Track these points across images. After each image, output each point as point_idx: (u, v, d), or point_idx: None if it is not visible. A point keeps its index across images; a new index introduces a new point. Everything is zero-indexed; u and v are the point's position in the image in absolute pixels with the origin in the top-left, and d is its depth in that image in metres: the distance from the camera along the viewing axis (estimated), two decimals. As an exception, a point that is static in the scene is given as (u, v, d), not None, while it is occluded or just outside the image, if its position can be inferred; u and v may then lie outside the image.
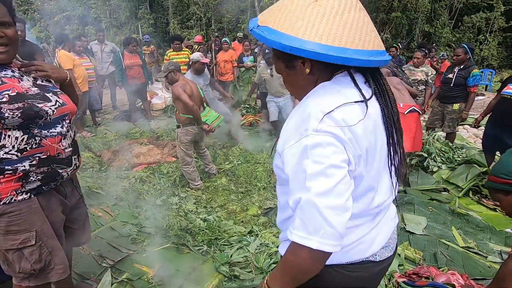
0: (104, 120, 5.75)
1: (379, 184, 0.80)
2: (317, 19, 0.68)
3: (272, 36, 0.70)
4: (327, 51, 0.66)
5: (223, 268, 2.00)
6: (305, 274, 0.73)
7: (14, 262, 1.23)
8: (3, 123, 1.12)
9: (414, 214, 2.61)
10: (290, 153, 0.72)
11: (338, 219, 0.66)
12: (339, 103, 0.69)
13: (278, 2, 0.76)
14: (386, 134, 0.78)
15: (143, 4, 16.22)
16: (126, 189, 3.11)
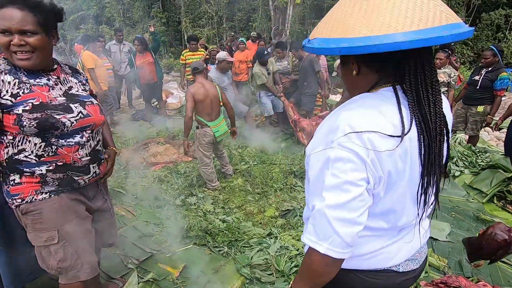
0: (122, 119, 5.85)
1: (404, 207, 0.78)
2: (361, 14, 0.66)
3: (322, 45, 0.70)
4: (366, 42, 0.63)
5: (245, 270, 2.01)
6: (320, 277, 0.78)
7: (45, 258, 1.31)
8: (22, 130, 1.17)
9: (437, 219, 2.56)
10: (315, 158, 0.76)
11: (346, 230, 0.70)
12: (370, 127, 0.67)
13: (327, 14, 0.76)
14: (421, 165, 0.73)
15: (155, 3, 16.38)
16: (146, 189, 3.16)
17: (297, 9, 11.74)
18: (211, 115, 3.16)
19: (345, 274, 0.84)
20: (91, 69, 4.55)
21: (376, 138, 0.68)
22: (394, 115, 0.70)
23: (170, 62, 13.28)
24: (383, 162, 0.69)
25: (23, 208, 1.25)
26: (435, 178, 0.76)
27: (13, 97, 1.15)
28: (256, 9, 14.44)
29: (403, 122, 0.69)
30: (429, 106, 0.71)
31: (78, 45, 5.86)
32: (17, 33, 1.12)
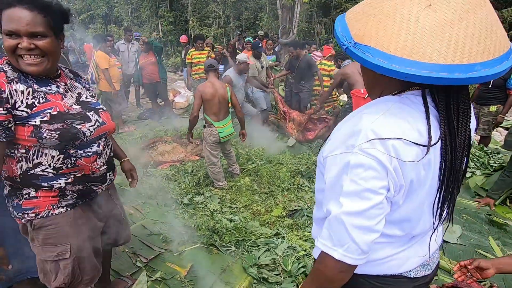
0: (129, 118, 5.91)
1: (420, 217, 0.76)
2: (431, 33, 0.59)
3: (379, 61, 0.62)
4: (452, 74, 0.58)
5: (252, 270, 2.01)
6: (331, 283, 0.76)
7: (51, 272, 1.26)
8: (40, 143, 1.10)
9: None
10: (333, 161, 0.72)
11: (363, 238, 0.68)
12: (395, 134, 0.64)
13: (375, 9, 0.65)
14: (439, 179, 0.70)
15: (163, 3, 16.48)
16: (154, 187, 3.18)
17: (305, 8, 11.66)
18: (218, 115, 3.15)
19: (355, 279, 0.82)
20: (105, 69, 4.60)
21: (401, 146, 0.65)
22: (421, 122, 0.66)
23: (177, 62, 13.34)
24: (406, 170, 0.66)
25: (36, 223, 1.19)
26: (454, 193, 0.73)
27: (28, 107, 1.06)
28: (263, 8, 14.40)
29: (430, 132, 0.65)
30: (457, 120, 0.67)
31: (87, 45, 5.95)
32: (26, 35, 1.03)
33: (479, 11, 0.58)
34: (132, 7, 17.24)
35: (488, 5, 0.60)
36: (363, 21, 0.67)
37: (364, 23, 0.66)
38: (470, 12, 0.58)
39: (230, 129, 3.30)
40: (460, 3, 0.58)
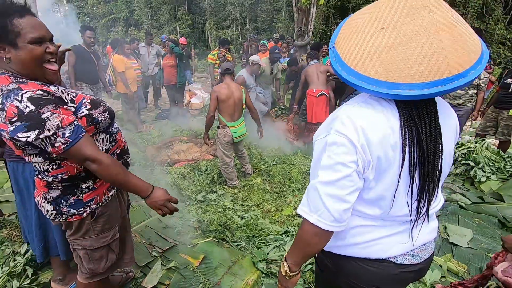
0: (148, 118, 6.14)
1: (394, 197, 0.82)
2: (375, 51, 0.72)
3: (337, 66, 0.80)
4: (379, 88, 0.72)
5: (261, 264, 2.09)
6: (309, 246, 0.86)
7: (102, 257, 1.30)
8: (98, 127, 1.16)
9: (458, 225, 2.50)
10: (318, 144, 0.87)
11: (334, 206, 0.78)
12: (364, 117, 0.77)
13: (354, 18, 0.79)
14: (409, 174, 0.79)
15: (181, 6, 16.88)
16: (170, 184, 3.33)
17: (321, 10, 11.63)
18: (233, 116, 3.25)
19: (347, 261, 0.93)
20: (122, 72, 4.83)
21: (368, 127, 0.76)
22: (393, 119, 0.77)
23: (194, 63, 13.63)
24: (373, 147, 0.77)
25: (98, 212, 1.23)
26: (427, 190, 0.81)
27: (72, 102, 1.09)
28: (280, 10, 14.47)
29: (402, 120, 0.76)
30: (421, 123, 0.76)
31: (110, 47, 6.25)
32: (49, 40, 1.06)
33: (424, 37, 0.67)
34: (151, 11, 17.76)
35: (443, 33, 0.67)
36: (346, 28, 0.80)
37: (344, 30, 0.80)
38: (413, 39, 0.68)
39: (243, 129, 3.40)
40: (408, 30, 0.68)
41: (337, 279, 0.98)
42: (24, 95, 0.95)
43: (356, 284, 0.94)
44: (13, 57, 1.00)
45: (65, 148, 1.00)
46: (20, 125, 0.93)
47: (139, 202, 2.78)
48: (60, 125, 0.98)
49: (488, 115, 4.03)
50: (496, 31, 10.94)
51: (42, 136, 0.96)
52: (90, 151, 1.04)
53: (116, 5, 18.70)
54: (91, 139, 1.08)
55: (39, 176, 1.16)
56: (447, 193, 3.04)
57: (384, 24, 0.70)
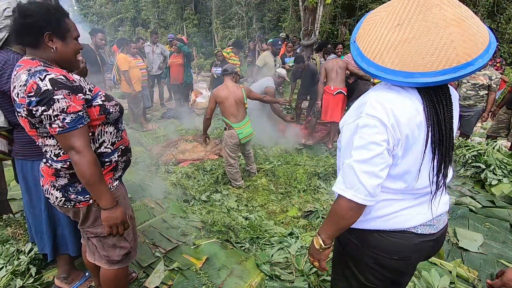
0: (153, 117, 6.16)
1: (419, 170, 0.92)
2: (391, 45, 0.82)
3: (358, 58, 0.91)
4: (395, 77, 0.83)
5: (265, 267, 2.06)
6: (344, 220, 0.94)
7: (115, 245, 1.36)
8: (107, 118, 1.24)
9: (469, 229, 2.43)
10: (347, 128, 0.96)
11: (369, 181, 0.87)
12: (393, 100, 0.86)
13: (372, 16, 0.89)
14: (426, 133, 0.88)
15: (188, 6, 16.92)
16: (174, 184, 3.32)
17: (328, 9, 11.53)
18: (237, 116, 3.22)
19: (370, 235, 1.02)
20: (125, 71, 4.84)
21: (397, 109, 0.85)
22: (418, 102, 0.87)
23: (200, 63, 13.66)
24: (402, 126, 0.85)
25: None
26: (446, 162, 0.91)
27: (90, 91, 1.20)
28: (286, 9, 14.39)
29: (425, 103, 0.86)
30: (440, 106, 0.87)
31: (115, 46, 6.29)
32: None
33: (434, 32, 0.77)
34: (159, 10, 17.84)
35: (452, 28, 0.76)
36: (365, 24, 0.91)
37: (364, 26, 0.91)
38: (425, 34, 0.78)
39: (249, 129, 3.37)
40: (421, 25, 0.78)
41: (361, 252, 1.05)
42: (47, 76, 1.07)
43: (380, 255, 1.01)
44: (59, 48, 1.17)
45: (59, 131, 1.08)
46: (33, 100, 1.05)
47: (143, 201, 2.77)
48: (65, 109, 1.07)
49: (500, 116, 3.93)
50: (508, 30, 10.70)
51: (45, 114, 1.06)
52: (79, 142, 1.10)
53: (124, 4, 18.83)
54: (87, 134, 1.14)
55: (48, 163, 1.22)
56: (456, 196, 2.97)
57: (399, 21, 0.81)
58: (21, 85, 1.07)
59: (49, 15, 1.13)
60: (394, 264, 1.02)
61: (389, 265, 1.02)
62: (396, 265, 1.02)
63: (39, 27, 1.11)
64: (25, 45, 1.17)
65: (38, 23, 1.11)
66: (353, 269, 1.11)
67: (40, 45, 1.15)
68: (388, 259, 1.01)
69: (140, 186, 3.11)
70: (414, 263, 1.10)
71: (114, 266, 1.40)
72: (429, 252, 1.07)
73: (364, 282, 1.09)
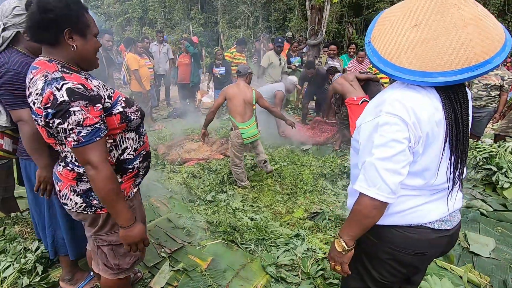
0: (159, 116, 6.17)
1: (437, 168, 0.93)
2: (409, 45, 0.83)
3: (374, 59, 0.91)
4: (413, 77, 0.84)
5: (270, 268, 2.03)
6: (367, 219, 0.94)
7: (126, 253, 1.29)
8: (129, 126, 1.18)
9: (480, 233, 2.37)
10: (365, 127, 0.95)
11: (391, 178, 0.87)
12: (412, 99, 0.86)
13: (387, 15, 0.90)
14: (445, 131, 0.89)
15: (195, 5, 16.97)
16: (180, 183, 3.31)
17: (335, 8, 11.45)
18: (244, 116, 3.21)
19: (387, 231, 1.02)
20: (135, 70, 4.87)
21: (417, 107, 0.85)
22: (436, 101, 0.88)
23: (206, 62, 13.70)
24: (422, 124, 0.86)
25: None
26: (462, 159, 0.93)
27: (109, 98, 1.12)
28: (293, 9, 14.32)
29: (444, 102, 0.87)
30: (457, 103, 0.88)
31: (123, 46, 6.33)
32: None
33: (453, 32, 0.78)
34: (165, 10, 17.93)
35: (470, 27, 0.77)
36: (379, 25, 0.91)
37: (378, 27, 0.91)
38: (443, 34, 0.78)
39: (254, 130, 3.33)
40: (439, 26, 0.79)
41: (377, 248, 1.05)
42: (64, 85, 0.99)
43: (397, 250, 1.01)
44: (79, 46, 1.09)
45: (74, 145, 1.02)
46: (49, 112, 0.98)
47: (148, 201, 2.77)
48: (80, 122, 1.00)
49: (511, 116, 3.83)
50: (519, 29, 10.49)
51: (60, 126, 1.00)
52: (95, 157, 1.03)
53: (131, 4, 18.97)
54: (104, 147, 1.07)
55: (68, 167, 1.16)
56: (467, 199, 2.90)
57: (416, 21, 0.81)
58: (37, 94, 1.00)
59: (70, 9, 1.03)
60: (410, 260, 1.02)
61: (405, 260, 1.02)
62: (412, 261, 1.03)
63: (59, 23, 1.02)
64: (42, 43, 1.08)
65: (58, 19, 1.02)
66: (367, 265, 1.11)
67: (59, 43, 1.06)
68: (404, 254, 1.01)
69: (145, 186, 3.11)
70: (429, 259, 1.10)
71: (120, 275, 1.34)
72: (444, 248, 1.07)
73: (377, 278, 1.09)
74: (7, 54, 1.40)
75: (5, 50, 1.42)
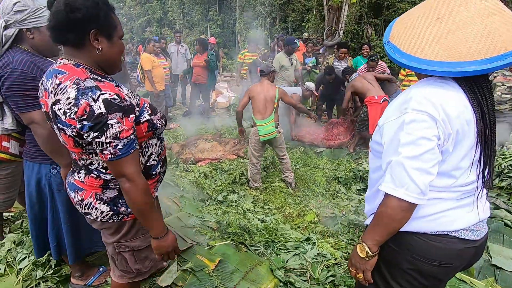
0: (175, 116, 6.26)
1: (468, 166, 0.89)
2: (433, 38, 0.82)
3: (396, 56, 0.89)
4: (441, 68, 0.81)
5: (279, 272, 2.00)
6: (394, 221, 0.88)
7: (147, 257, 1.27)
8: (155, 134, 1.15)
9: (503, 246, 2.24)
10: (389, 126, 0.90)
11: (420, 178, 0.83)
12: (440, 96, 0.84)
13: (405, 17, 0.90)
14: (476, 129, 0.86)
15: (213, 6, 17.17)
16: (192, 182, 3.34)
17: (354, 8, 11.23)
18: (263, 113, 3.22)
19: (410, 237, 0.95)
20: (148, 70, 4.95)
21: (446, 104, 0.82)
22: (464, 99, 0.85)
23: (223, 63, 13.81)
24: (452, 121, 0.83)
25: None
26: (491, 157, 0.89)
27: (137, 106, 1.07)
28: (311, 10, 14.18)
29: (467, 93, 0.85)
30: (483, 99, 0.86)
31: (141, 46, 6.48)
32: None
33: (478, 21, 0.77)
34: (184, 11, 18.25)
35: (494, 17, 0.77)
36: (398, 25, 0.91)
37: (397, 27, 0.91)
38: (468, 23, 0.78)
39: (270, 128, 3.23)
40: (463, 16, 0.78)
41: (397, 256, 0.98)
42: (101, 96, 0.94)
43: (420, 260, 0.94)
44: (105, 48, 1.02)
45: (110, 158, 0.98)
46: (85, 125, 0.93)
47: (160, 199, 2.80)
48: (118, 135, 0.96)
49: None
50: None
51: (97, 140, 0.95)
52: (131, 169, 1.00)
53: (151, 6, 19.44)
54: (138, 159, 1.05)
55: (93, 174, 1.10)
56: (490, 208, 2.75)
57: (439, 14, 0.81)
58: (70, 104, 0.93)
59: (98, 9, 0.96)
60: (433, 271, 0.95)
61: (428, 271, 0.95)
62: (436, 272, 0.96)
63: (86, 23, 0.95)
64: (66, 44, 1.01)
65: (86, 19, 0.94)
66: (385, 274, 1.03)
67: (83, 45, 0.99)
68: (428, 264, 0.94)
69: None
70: (454, 271, 1.03)
71: (137, 279, 1.31)
72: (471, 260, 1.00)
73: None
74: (11, 54, 1.34)
75: (9, 49, 1.37)
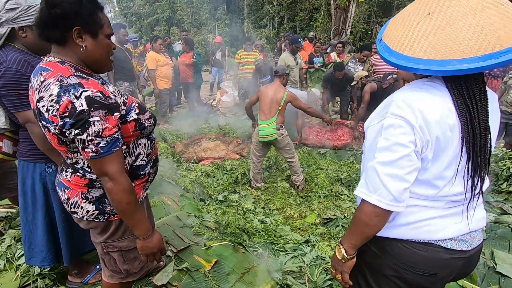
0: (179, 115, 6.28)
1: (452, 176, 0.84)
2: (422, 35, 0.77)
3: (385, 54, 0.85)
4: (429, 66, 0.76)
5: (276, 274, 1.97)
6: (368, 227, 0.87)
7: (136, 257, 1.26)
8: (143, 133, 1.14)
9: (509, 252, 2.16)
10: (371, 130, 0.90)
11: (393, 185, 0.81)
12: (420, 100, 0.79)
13: (399, 14, 0.86)
14: (466, 152, 0.81)
15: (221, 6, 17.20)
16: (193, 182, 3.33)
17: (363, 7, 11.09)
18: (267, 114, 3.21)
19: (394, 244, 0.93)
20: (152, 70, 4.98)
21: (426, 108, 0.78)
22: (449, 102, 0.80)
23: (230, 61, 13.81)
24: (431, 127, 0.79)
25: None
26: (481, 166, 0.82)
27: (124, 105, 1.06)
28: (319, 9, 14.06)
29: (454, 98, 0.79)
30: (472, 102, 0.79)
31: (149, 44, 6.52)
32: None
33: (470, 16, 0.71)
34: (192, 10, 18.33)
35: (489, 11, 0.70)
36: (390, 25, 0.87)
37: (389, 26, 0.87)
38: (460, 19, 0.72)
39: (271, 130, 3.21)
40: (455, 11, 0.72)
41: (381, 262, 0.98)
42: (84, 93, 0.93)
43: (402, 267, 0.93)
44: (89, 47, 1.01)
45: (92, 156, 0.97)
46: (67, 122, 0.92)
47: (160, 198, 2.81)
48: (100, 133, 0.95)
49: None
50: None
51: (78, 137, 0.94)
52: (113, 168, 0.99)
53: (160, 5, 19.60)
54: (121, 157, 1.03)
55: (78, 173, 1.09)
56: (496, 213, 2.66)
57: (430, 10, 0.76)
58: (52, 101, 0.93)
59: (81, 6, 0.96)
60: (417, 280, 0.93)
61: (411, 280, 0.93)
62: (420, 281, 0.93)
63: (67, 20, 0.95)
64: (50, 41, 1.01)
65: (66, 15, 0.94)
66: (369, 279, 1.02)
67: (67, 42, 0.99)
68: (411, 273, 0.92)
69: (159, 183, 3.16)
70: (442, 281, 0.98)
71: (127, 279, 1.30)
72: (459, 271, 0.96)
73: None
74: (4, 52, 1.35)
75: (2, 48, 1.37)
